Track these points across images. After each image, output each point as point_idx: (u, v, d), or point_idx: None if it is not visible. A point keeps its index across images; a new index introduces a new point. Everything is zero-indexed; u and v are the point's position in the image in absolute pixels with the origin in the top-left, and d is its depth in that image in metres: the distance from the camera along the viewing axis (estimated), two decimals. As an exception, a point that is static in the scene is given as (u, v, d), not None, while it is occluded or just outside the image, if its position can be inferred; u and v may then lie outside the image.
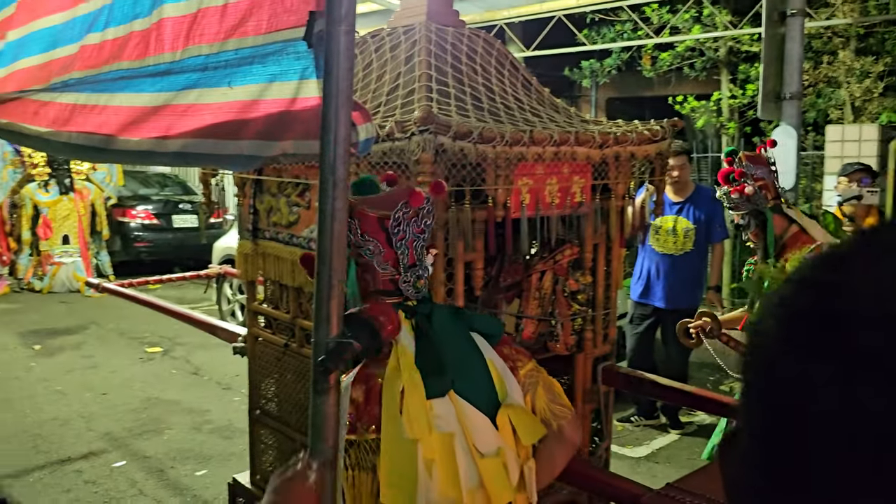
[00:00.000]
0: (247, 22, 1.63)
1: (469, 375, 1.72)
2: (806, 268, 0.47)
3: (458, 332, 1.79)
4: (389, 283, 1.75)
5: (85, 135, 2.15)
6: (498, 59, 2.73)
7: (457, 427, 1.66)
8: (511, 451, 1.70)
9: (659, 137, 2.66)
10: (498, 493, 1.64)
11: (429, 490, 1.60)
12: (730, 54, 10.05)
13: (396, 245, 1.74)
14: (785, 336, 0.45)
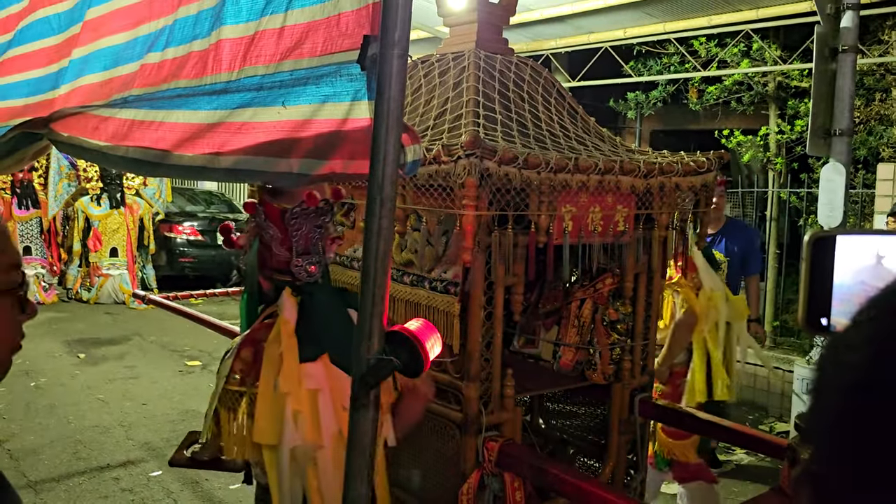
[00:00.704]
0: (303, 44, 1.68)
1: (343, 344, 1.93)
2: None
3: (337, 308, 2.12)
4: (283, 263, 2.09)
5: (141, 149, 2.22)
6: (545, 86, 2.75)
7: (325, 386, 1.99)
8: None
9: (705, 169, 2.65)
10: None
11: (293, 434, 1.94)
12: (779, 89, 9.95)
13: (292, 234, 2.09)
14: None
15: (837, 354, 0.49)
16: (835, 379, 0.49)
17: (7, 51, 2.94)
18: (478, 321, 2.29)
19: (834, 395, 0.49)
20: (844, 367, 0.48)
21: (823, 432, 0.49)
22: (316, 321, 2.06)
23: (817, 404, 0.50)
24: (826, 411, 0.49)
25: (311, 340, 2.03)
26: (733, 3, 7.08)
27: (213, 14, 1.95)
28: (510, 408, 2.43)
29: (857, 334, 0.48)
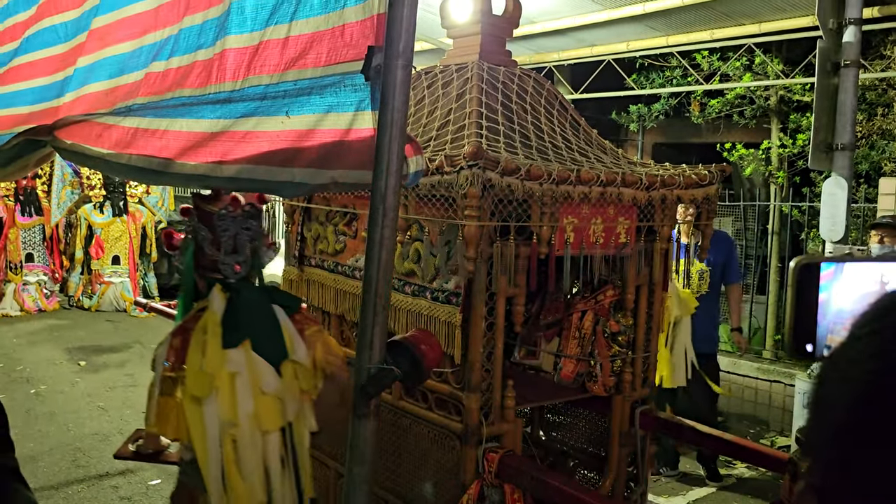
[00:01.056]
0: (307, 54, 1.69)
1: (265, 335, 2.28)
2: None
3: (262, 303, 2.34)
4: (214, 262, 2.32)
5: (145, 157, 2.23)
6: (547, 98, 2.76)
7: (244, 370, 2.23)
8: (290, 392, 2.28)
9: (707, 182, 2.65)
10: (266, 419, 2.25)
11: (213, 411, 2.18)
12: (781, 103, 9.97)
13: (220, 235, 2.33)
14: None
15: (839, 369, 0.50)
16: (837, 393, 0.50)
17: (13, 59, 2.96)
18: (479, 332, 2.29)
19: (837, 409, 0.49)
20: (847, 380, 0.49)
21: (826, 445, 0.49)
22: (241, 314, 2.29)
23: (819, 418, 0.51)
24: (829, 424, 0.50)
25: (234, 329, 2.26)
26: (735, 18, 7.11)
27: (218, 24, 1.96)
28: (511, 419, 2.43)
29: (857, 349, 0.49)
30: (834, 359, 0.51)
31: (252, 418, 2.22)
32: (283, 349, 2.30)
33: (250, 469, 2.23)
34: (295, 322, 2.36)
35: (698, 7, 6.69)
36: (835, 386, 0.50)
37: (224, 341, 2.24)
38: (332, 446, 2.93)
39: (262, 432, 2.25)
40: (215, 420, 2.19)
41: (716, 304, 5.09)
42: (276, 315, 2.33)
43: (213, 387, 2.19)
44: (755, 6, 6.74)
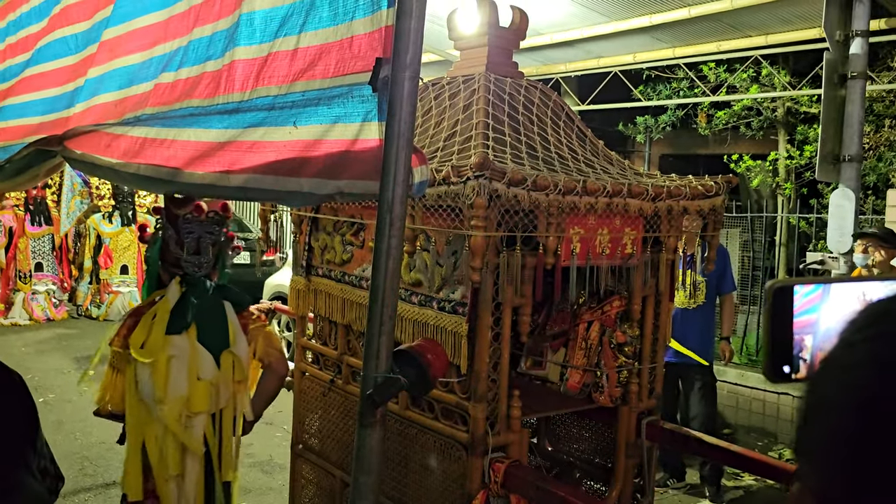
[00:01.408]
0: (315, 66, 1.71)
1: (210, 327, 2.57)
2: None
3: (213, 299, 2.63)
4: (176, 259, 2.63)
5: (153, 167, 2.24)
6: (554, 110, 2.78)
7: (184, 356, 2.50)
8: (225, 381, 2.56)
9: (713, 193, 2.66)
10: (197, 402, 2.52)
11: (148, 390, 2.49)
12: (788, 115, 9.98)
13: (184, 236, 2.62)
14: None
15: (832, 374, 0.51)
16: (834, 397, 0.51)
17: (25, 70, 2.99)
18: (485, 342, 2.30)
19: (834, 413, 0.50)
20: (843, 386, 0.50)
21: (823, 449, 0.51)
22: (191, 306, 2.57)
23: (815, 422, 0.52)
24: (825, 429, 0.51)
25: (181, 318, 2.54)
26: (742, 30, 7.12)
27: (227, 36, 1.98)
28: (517, 429, 2.43)
29: (850, 355, 0.51)
30: (827, 364, 0.52)
31: (182, 400, 2.51)
32: (225, 341, 2.59)
33: (171, 443, 2.52)
34: (241, 318, 2.68)
35: (705, 19, 6.70)
36: (829, 391, 0.51)
37: (168, 328, 2.52)
38: (338, 455, 2.94)
39: (190, 414, 2.53)
40: (147, 394, 2.50)
41: (712, 315, 5.10)
42: (224, 310, 2.63)
43: (147, 367, 2.48)
44: (762, 18, 6.75)
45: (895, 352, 0.49)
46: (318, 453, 3.08)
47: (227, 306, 2.65)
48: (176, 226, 2.63)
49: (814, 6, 6.10)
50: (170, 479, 2.53)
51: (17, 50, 3.15)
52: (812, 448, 0.52)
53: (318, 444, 3.09)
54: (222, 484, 2.64)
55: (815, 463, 0.52)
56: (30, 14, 3.04)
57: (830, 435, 0.50)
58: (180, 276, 2.62)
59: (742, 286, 8.99)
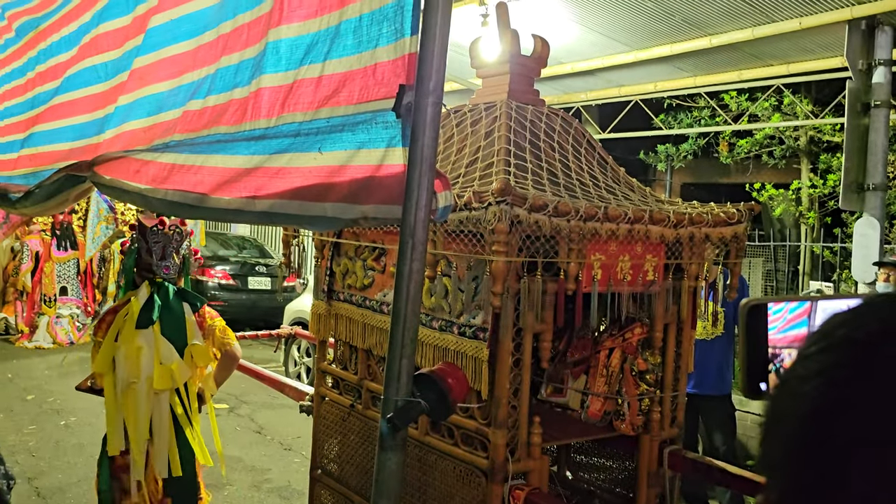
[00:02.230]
0: (340, 93, 1.74)
1: (171, 323, 3.26)
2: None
3: (175, 300, 3.31)
4: (147, 265, 3.31)
5: (181, 192, 2.28)
6: (575, 137, 2.79)
7: (149, 346, 3.19)
8: (184, 366, 3.24)
9: (735, 220, 2.65)
10: (160, 382, 3.18)
11: (121, 369, 3.18)
12: (810, 143, 9.93)
13: (152, 245, 3.30)
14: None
15: (791, 386, 0.53)
16: (791, 409, 0.52)
17: (54, 97, 3.07)
18: (506, 367, 2.29)
19: (791, 424, 0.52)
20: (799, 397, 0.51)
21: (783, 460, 0.52)
22: (156, 305, 3.23)
23: (774, 434, 0.54)
24: (784, 440, 0.52)
25: (147, 315, 3.21)
26: (764, 59, 7.14)
27: (254, 63, 2.02)
28: (537, 456, 2.41)
29: (805, 367, 0.52)
30: (784, 377, 0.54)
31: (149, 379, 3.18)
32: (184, 334, 3.28)
33: (142, 413, 3.19)
34: (198, 316, 3.36)
35: (726, 48, 6.73)
36: (785, 403, 0.53)
37: (137, 323, 3.20)
38: (357, 481, 2.93)
39: (156, 391, 3.20)
40: (122, 376, 3.17)
41: (730, 346, 5.03)
42: (183, 310, 3.31)
43: (124, 354, 3.18)
44: (783, 48, 6.76)
45: (844, 363, 0.50)
46: (337, 479, 3.07)
47: (185, 307, 3.33)
48: (146, 237, 3.31)
49: (836, 35, 6.10)
50: (141, 442, 3.19)
51: (46, 77, 3.23)
52: (770, 460, 0.54)
53: (338, 469, 3.08)
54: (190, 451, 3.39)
55: (774, 475, 0.53)
56: (60, 43, 3.13)
57: (785, 446, 0.52)
58: (149, 281, 3.29)
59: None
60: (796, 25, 6.02)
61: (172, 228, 3.39)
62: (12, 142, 3.51)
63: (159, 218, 3.25)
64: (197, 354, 3.26)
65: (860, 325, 0.52)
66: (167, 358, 3.19)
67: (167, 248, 3.33)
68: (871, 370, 0.49)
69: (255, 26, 2.04)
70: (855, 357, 0.50)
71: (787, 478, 0.51)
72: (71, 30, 3.02)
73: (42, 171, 3.03)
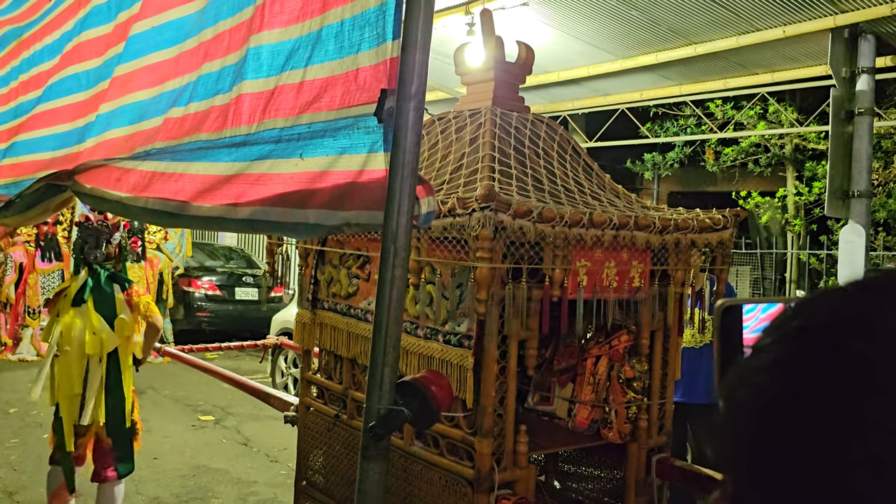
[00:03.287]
0: (321, 98, 1.72)
1: (104, 301, 3.98)
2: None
3: (107, 282, 4.01)
4: (83, 254, 4.02)
5: (161, 200, 2.26)
6: (560, 143, 2.79)
7: (83, 319, 3.92)
8: (112, 335, 3.94)
9: (721, 226, 2.65)
10: (91, 348, 3.89)
11: (56, 343, 3.92)
12: (796, 151, 10.00)
13: (84, 237, 4.02)
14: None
15: (745, 379, 0.52)
16: (745, 402, 0.51)
17: (36, 106, 3.03)
18: (491, 375, 2.27)
19: (740, 418, 0.51)
20: (752, 390, 0.51)
21: (739, 455, 0.51)
22: (88, 286, 3.96)
23: (729, 429, 0.53)
24: (739, 434, 0.51)
25: (82, 294, 3.94)
26: (749, 67, 7.18)
27: (235, 70, 2.00)
28: (523, 465, 2.39)
29: (760, 360, 0.52)
30: (739, 370, 0.53)
31: (81, 346, 3.89)
32: (113, 310, 3.98)
33: (74, 373, 3.94)
34: (127, 294, 4.04)
35: (711, 57, 6.77)
36: (740, 396, 0.52)
37: (73, 301, 3.94)
38: (342, 492, 2.89)
39: (88, 355, 3.91)
40: (57, 343, 3.92)
41: None
42: (113, 289, 4.02)
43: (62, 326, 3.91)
44: (768, 56, 6.81)
45: (797, 352, 0.50)
46: (322, 490, 3.04)
47: (115, 287, 4.04)
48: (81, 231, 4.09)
49: (819, 44, 6.15)
50: (72, 397, 4.00)
51: (29, 87, 3.20)
52: (726, 455, 0.53)
53: (323, 480, 3.05)
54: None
55: (728, 470, 0.53)
56: (42, 52, 3.10)
57: (741, 440, 0.51)
58: (88, 267, 4.00)
59: (753, 323, 8.88)
60: (780, 34, 6.06)
61: (100, 223, 4.11)
62: (-6, 151, 3.48)
63: (84, 215, 4.15)
64: (120, 326, 3.97)
65: (812, 315, 0.52)
66: (99, 329, 3.91)
67: (99, 239, 4.02)
68: (824, 359, 0.48)
69: (236, 33, 2.03)
70: (808, 346, 0.50)
71: (744, 472, 0.51)
72: (54, 38, 2.99)
73: (23, 180, 2.99)
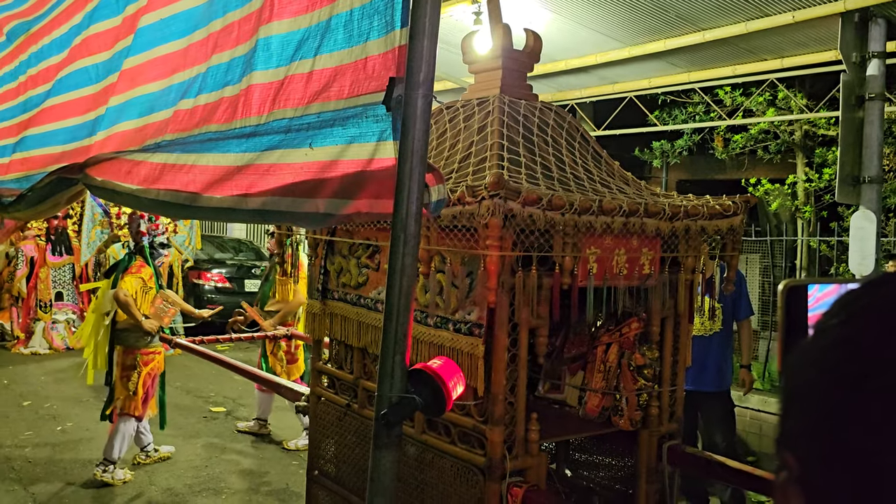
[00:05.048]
0: (330, 87, 1.72)
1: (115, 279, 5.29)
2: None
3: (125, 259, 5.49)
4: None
5: (172, 192, 2.26)
6: (569, 131, 2.78)
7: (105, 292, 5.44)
8: (100, 301, 5.46)
9: (731, 212, 2.64)
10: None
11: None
12: (805, 138, 9.93)
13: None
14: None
15: (809, 359, 0.53)
16: (813, 380, 0.52)
17: (46, 100, 3.05)
18: (502, 363, 2.28)
19: (814, 396, 0.52)
20: (822, 368, 0.51)
21: (806, 433, 0.52)
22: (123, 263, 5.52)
23: (795, 407, 0.53)
24: (806, 414, 0.52)
25: (112, 270, 5.63)
26: (758, 53, 7.13)
27: (245, 61, 2.00)
28: (535, 453, 2.40)
29: (827, 338, 0.52)
30: (804, 350, 0.54)
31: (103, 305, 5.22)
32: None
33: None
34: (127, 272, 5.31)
35: (720, 43, 6.72)
36: (807, 375, 0.53)
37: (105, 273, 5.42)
38: (354, 481, 2.91)
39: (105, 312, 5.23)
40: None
41: (729, 342, 5.01)
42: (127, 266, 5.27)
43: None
44: (777, 42, 6.75)
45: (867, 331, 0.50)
46: (334, 479, 3.06)
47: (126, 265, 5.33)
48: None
49: (829, 29, 6.10)
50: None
51: (38, 81, 3.21)
52: (792, 435, 0.54)
53: (335, 469, 3.07)
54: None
55: (796, 450, 0.53)
56: (51, 45, 3.11)
57: (808, 418, 0.52)
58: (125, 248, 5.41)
59: (763, 312, 8.87)
60: (789, 19, 6.01)
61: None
62: (4, 146, 3.49)
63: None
64: (101, 296, 5.45)
65: (880, 294, 0.52)
66: (100, 295, 5.49)
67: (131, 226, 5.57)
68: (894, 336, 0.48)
69: (245, 23, 2.03)
70: (877, 324, 0.50)
71: (812, 450, 0.51)
72: (62, 32, 3.00)
73: (34, 174, 3.01)
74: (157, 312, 5.34)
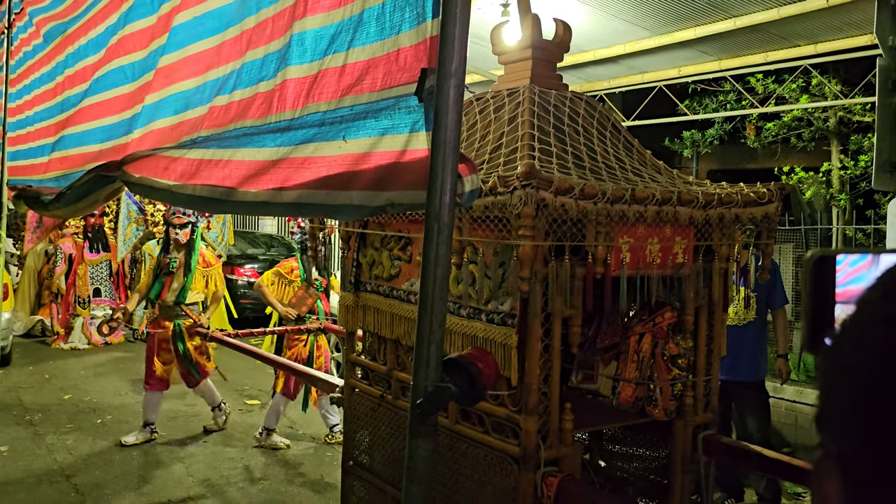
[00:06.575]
0: (363, 80, 1.74)
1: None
2: None
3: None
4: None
5: (209, 187, 2.30)
6: (600, 120, 2.77)
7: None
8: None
9: (765, 200, 2.61)
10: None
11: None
12: (840, 124, 9.75)
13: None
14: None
15: (851, 335, 0.51)
16: (851, 359, 0.51)
17: (83, 99, 3.11)
18: (536, 353, 2.29)
19: (856, 374, 0.50)
20: (860, 346, 0.50)
21: (847, 412, 0.50)
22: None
23: (836, 386, 0.52)
24: (846, 392, 0.51)
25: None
26: (790, 39, 7.01)
27: (279, 56, 2.03)
28: (569, 442, 2.40)
29: (869, 313, 0.51)
30: (843, 328, 0.53)
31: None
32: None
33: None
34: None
35: (751, 30, 6.62)
36: (846, 353, 0.52)
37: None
38: (389, 471, 2.94)
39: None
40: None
41: (763, 331, 4.95)
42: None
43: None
44: (811, 27, 6.63)
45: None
46: (369, 469, 3.09)
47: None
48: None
49: (864, 13, 5.98)
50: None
51: (75, 81, 3.28)
52: (832, 414, 0.52)
53: (369, 460, 3.10)
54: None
55: (836, 429, 0.52)
56: (87, 46, 3.17)
57: (850, 398, 0.50)
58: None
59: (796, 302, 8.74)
60: (823, 3, 5.90)
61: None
62: (43, 145, 3.57)
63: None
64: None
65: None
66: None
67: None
68: None
69: (279, 19, 2.05)
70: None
71: (853, 430, 0.50)
72: (98, 32, 3.06)
73: (73, 173, 3.07)
74: (298, 302, 6.03)
